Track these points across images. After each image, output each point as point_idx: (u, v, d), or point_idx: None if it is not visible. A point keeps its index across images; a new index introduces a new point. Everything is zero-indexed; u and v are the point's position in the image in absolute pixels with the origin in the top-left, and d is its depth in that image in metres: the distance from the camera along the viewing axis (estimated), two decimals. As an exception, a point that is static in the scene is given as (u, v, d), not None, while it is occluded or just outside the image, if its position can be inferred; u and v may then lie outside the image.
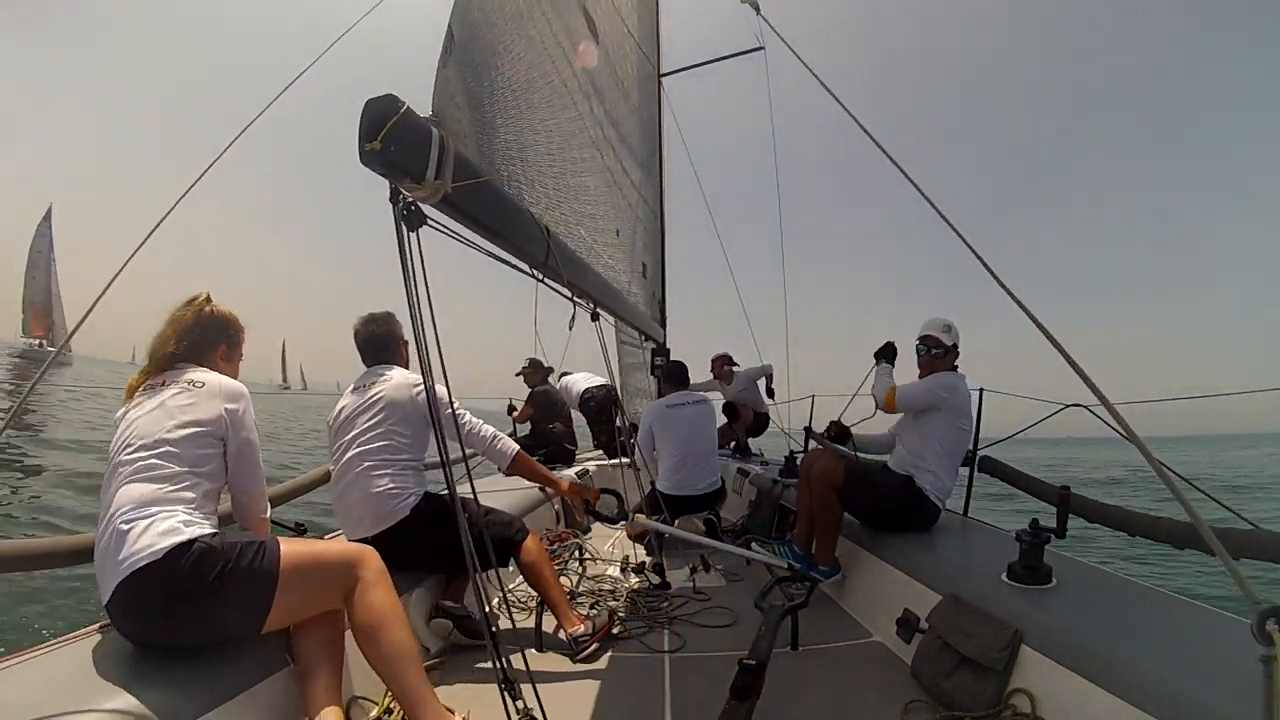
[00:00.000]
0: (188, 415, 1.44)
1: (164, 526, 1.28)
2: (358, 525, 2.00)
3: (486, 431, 2.17)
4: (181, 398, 1.48)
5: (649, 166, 4.30)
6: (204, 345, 1.63)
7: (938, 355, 2.63)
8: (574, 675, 1.92)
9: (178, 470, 1.38)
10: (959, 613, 1.81)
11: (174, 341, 1.59)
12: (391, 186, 1.18)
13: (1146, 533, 2.14)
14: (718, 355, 5.65)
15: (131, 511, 1.29)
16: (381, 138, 1.10)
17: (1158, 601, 1.73)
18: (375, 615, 1.42)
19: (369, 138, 1.10)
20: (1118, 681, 1.31)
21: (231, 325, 1.72)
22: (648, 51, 4.46)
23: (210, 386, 1.52)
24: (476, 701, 1.63)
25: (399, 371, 2.17)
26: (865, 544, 2.57)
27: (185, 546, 1.26)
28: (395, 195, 1.19)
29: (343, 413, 2.12)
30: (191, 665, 1.25)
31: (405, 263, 1.17)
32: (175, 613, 1.26)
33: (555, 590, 2.17)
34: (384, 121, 1.10)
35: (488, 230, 1.54)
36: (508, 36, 1.77)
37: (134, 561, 1.23)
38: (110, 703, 1.09)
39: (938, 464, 2.52)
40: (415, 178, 1.18)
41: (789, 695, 1.82)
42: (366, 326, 2.26)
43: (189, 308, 1.65)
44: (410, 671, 1.39)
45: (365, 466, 2.00)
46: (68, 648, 1.31)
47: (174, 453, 1.39)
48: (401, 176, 1.17)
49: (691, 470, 3.45)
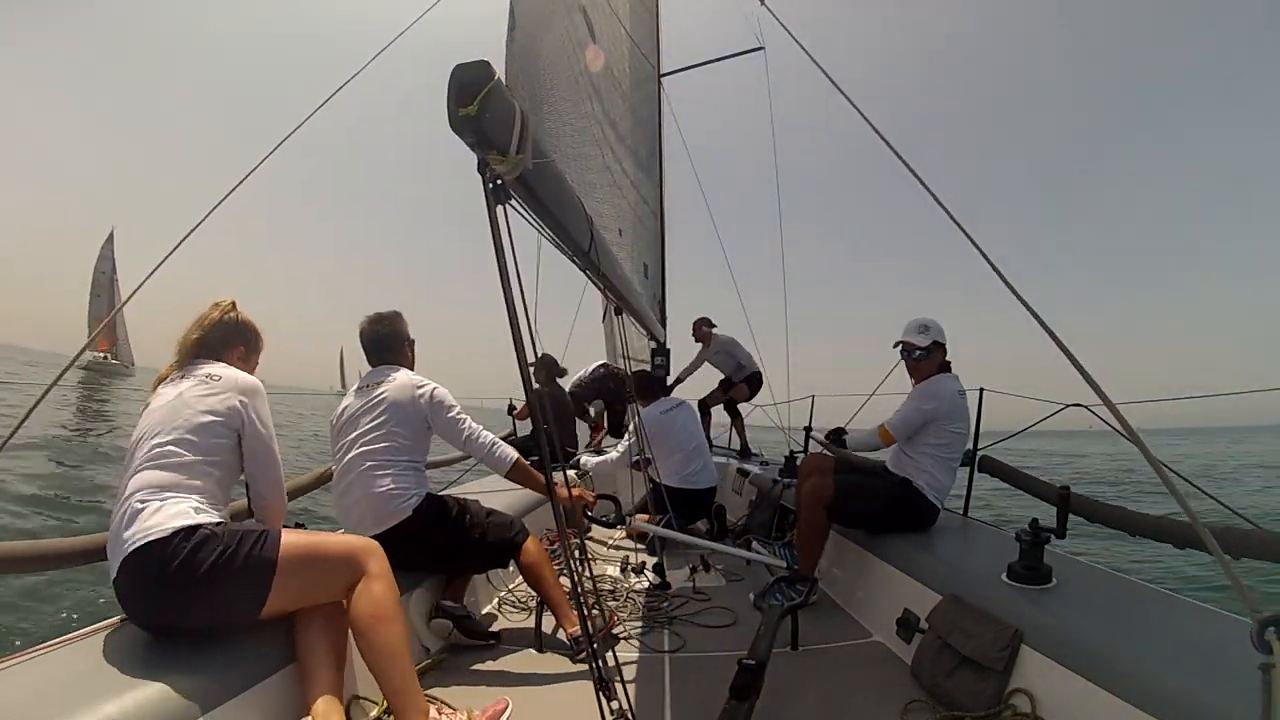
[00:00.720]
0: (203, 405, 1.50)
1: (175, 510, 1.33)
2: (359, 525, 2.00)
3: (485, 438, 2.15)
4: (199, 389, 1.54)
5: (649, 167, 4.31)
6: (224, 343, 1.71)
7: (920, 358, 2.61)
8: (574, 675, 1.92)
9: (192, 459, 1.43)
10: (959, 613, 1.81)
11: (197, 333, 1.67)
12: (480, 159, 1.14)
13: (1147, 533, 2.14)
14: (699, 319, 5.76)
15: (146, 494, 1.35)
16: (478, 102, 1.06)
17: (1158, 601, 1.73)
18: (374, 609, 1.44)
19: (464, 102, 1.06)
20: (1118, 681, 1.31)
21: (252, 331, 1.79)
22: (647, 52, 4.46)
23: (226, 380, 1.58)
24: (476, 701, 1.63)
25: (403, 373, 2.16)
26: (865, 544, 2.57)
27: (190, 531, 1.31)
28: (484, 167, 1.15)
29: (345, 413, 2.12)
30: (199, 661, 1.26)
31: (496, 239, 1.13)
32: (173, 592, 1.29)
33: (555, 591, 2.17)
34: (479, 86, 1.06)
35: (548, 214, 1.50)
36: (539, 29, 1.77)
37: (139, 538, 1.28)
38: (119, 698, 1.09)
39: (934, 465, 2.51)
40: (501, 150, 1.15)
41: (789, 695, 1.82)
42: (372, 326, 2.24)
43: (215, 309, 1.73)
44: (400, 666, 1.42)
45: (367, 466, 2.01)
46: (77, 644, 1.32)
47: (190, 440, 1.44)
48: (489, 147, 1.13)
49: (700, 463, 3.69)
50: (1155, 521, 2.11)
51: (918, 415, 2.52)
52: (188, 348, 1.66)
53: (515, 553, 2.19)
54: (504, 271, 1.14)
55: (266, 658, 1.38)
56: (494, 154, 1.14)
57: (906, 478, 2.53)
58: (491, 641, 2.10)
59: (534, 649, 2.08)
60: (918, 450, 2.55)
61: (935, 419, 2.50)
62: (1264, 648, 0.84)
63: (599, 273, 1.97)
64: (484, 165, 1.15)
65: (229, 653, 1.32)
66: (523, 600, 2.50)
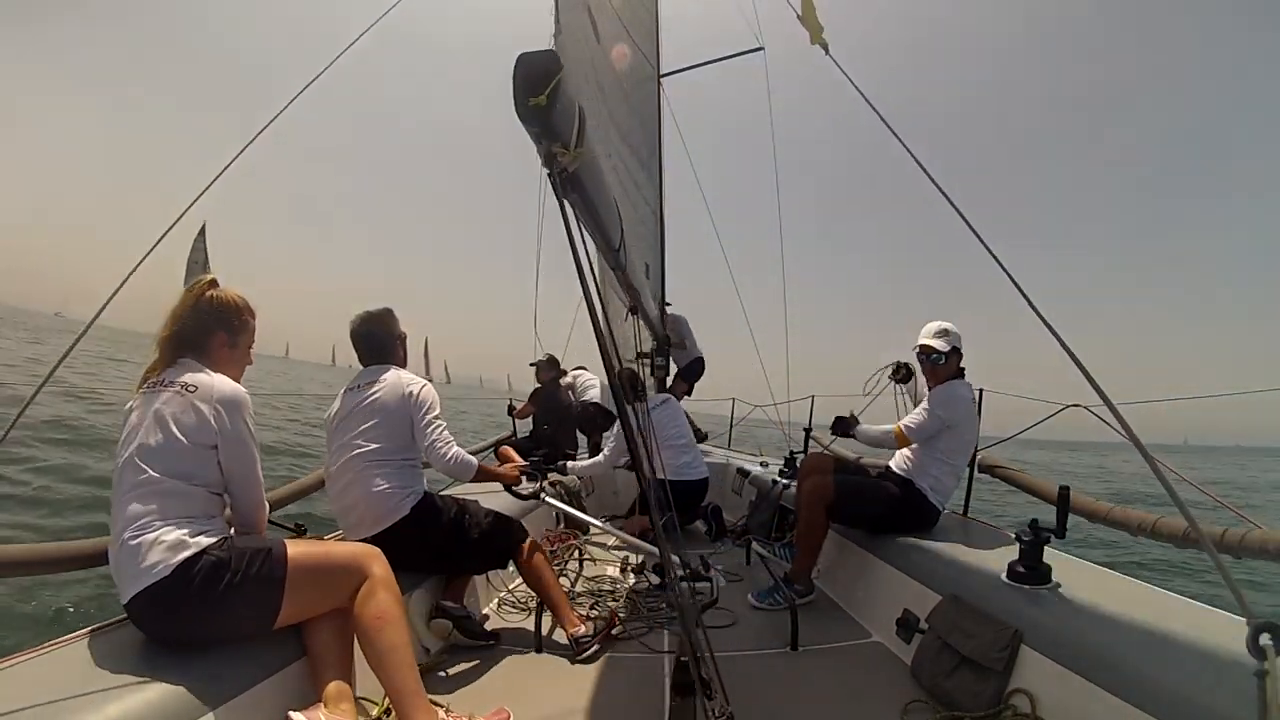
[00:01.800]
0: (179, 426, 1.40)
1: (171, 539, 1.31)
2: (358, 526, 2.00)
3: (446, 451, 2.09)
4: (174, 403, 1.42)
5: (649, 167, 4.31)
6: (201, 334, 1.54)
7: (937, 361, 2.60)
8: (574, 675, 1.92)
9: (175, 482, 1.37)
10: (959, 613, 1.81)
11: (168, 327, 1.52)
12: (546, 150, 1.12)
13: (1146, 533, 2.14)
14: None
15: (137, 526, 1.32)
16: (548, 93, 1.03)
17: (1158, 601, 1.73)
18: (378, 611, 1.45)
19: (534, 91, 1.03)
20: (1118, 681, 1.31)
21: (231, 311, 1.59)
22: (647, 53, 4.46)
23: (203, 390, 1.45)
24: (476, 701, 1.63)
25: (395, 372, 2.14)
26: (865, 544, 2.57)
27: (193, 560, 1.30)
28: (551, 160, 1.13)
29: (339, 413, 2.11)
30: (199, 661, 1.27)
31: (570, 231, 1.12)
32: (190, 621, 1.31)
33: (555, 591, 2.17)
34: (550, 77, 1.04)
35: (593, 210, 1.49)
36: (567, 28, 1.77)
37: (145, 579, 1.27)
38: (119, 699, 1.10)
39: (939, 469, 2.53)
40: (564, 142, 1.13)
41: (789, 695, 1.82)
42: (364, 325, 2.20)
43: (189, 295, 1.56)
44: (404, 670, 1.42)
45: (364, 467, 2.00)
46: (77, 644, 1.32)
47: (170, 464, 1.37)
48: (554, 138, 1.11)
49: (691, 456, 3.79)
50: (1155, 522, 2.12)
51: (936, 422, 2.53)
52: (163, 347, 1.51)
53: (514, 553, 2.19)
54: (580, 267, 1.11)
55: (267, 658, 1.39)
56: (559, 146, 1.12)
57: (909, 479, 2.54)
58: (491, 642, 2.10)
59: (534, 649, 2.08)
60: (925, 453, 2.56)
61: (951, 425, 2.52)
62: (1258, 654, 0.83)
63: (624, 271, 1.98)
64: (551, 157, 1.12)
65: (229, 653, 1.33)
66: (522, 600, 2.50)
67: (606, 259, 1.87)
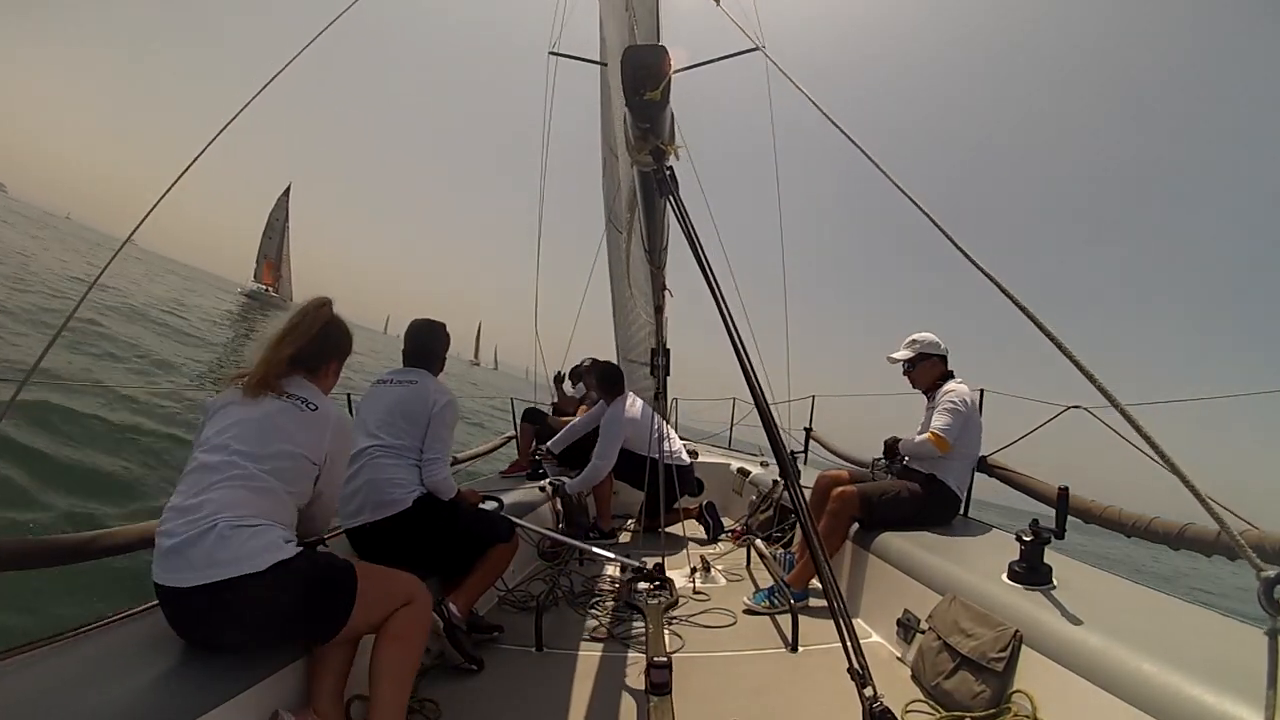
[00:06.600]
0: (296, 440, 1.48)
1: (266, 540, 1.32)
2: (358, 513, 2.03)
3: (439, 470, 2.15)
4: (292, 415, 1.50)
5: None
6: (319, 359, 1.66)
7: (908, 369, 2.81)
8: (574, 675, 1.92)
9: (278, 486, 1.42)
10: (959, 613, 1.81)
11: (290, 345, 1.59)
12: (654, 147, 1.14)
13: (1144, 533, 2.15)
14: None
15: (234, 516, 1.31)
16: (662, 90, 1.04)
17: (1158, 602, 1.73)
18: (404, 629, 1.47)
19: (649, 86, 1.03)
20: (1118, 681, 1.31)
21: (347, 343, 1.75)
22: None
23: (322, 412, 1.55)
24: (475, 700, 1.63)
25: (428, 377, 2.29)
26: (865, 544, 2.57)
27: (285, 565, 1.31)
28: (661, 156, 1.14)
29: (365, 400, 2.27)
30: (200, 659, 1.27)
31: (684, 224, 1.12)
32: (257, 627, 1.31)
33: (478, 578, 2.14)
34: (664, 73, 1.04)
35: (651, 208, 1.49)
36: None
37: (232, 569, 1.25)
38: (120, 696, 1.10)
39: (954, 460, 2.63)
40: (665, 139, 1.14)
41: (789, 695, 1.82)
42: (421, 332, 2.37)
43: (316, 315, 1.65)
44: (397, 689, 1.43)
45: (377, 455, 2.09)
46: (78, 641, 1.32)
47: (280, 468, 1.43)
48: (660, 135, 1.13)
49: (675, 443, 4.04)
50: (1152, 522, 2.12)
51: (958, 417, 2.61)
52: (282, 362, 1.56)
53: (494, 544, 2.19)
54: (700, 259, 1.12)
55: (268, 657, 1.38)
56: (665, 143, 1.14)
57: (930, 472, 2.63)
58: (474, 668, 1.94)
59: (534, 649, 2.08)
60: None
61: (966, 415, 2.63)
62: (1274, 608, 0.80)
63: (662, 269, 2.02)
64: (661, 154, 1.13)
65: (230, 652, 1.32)
66: (522, 600, 2.50)
67: (650, 258, 1.90)
